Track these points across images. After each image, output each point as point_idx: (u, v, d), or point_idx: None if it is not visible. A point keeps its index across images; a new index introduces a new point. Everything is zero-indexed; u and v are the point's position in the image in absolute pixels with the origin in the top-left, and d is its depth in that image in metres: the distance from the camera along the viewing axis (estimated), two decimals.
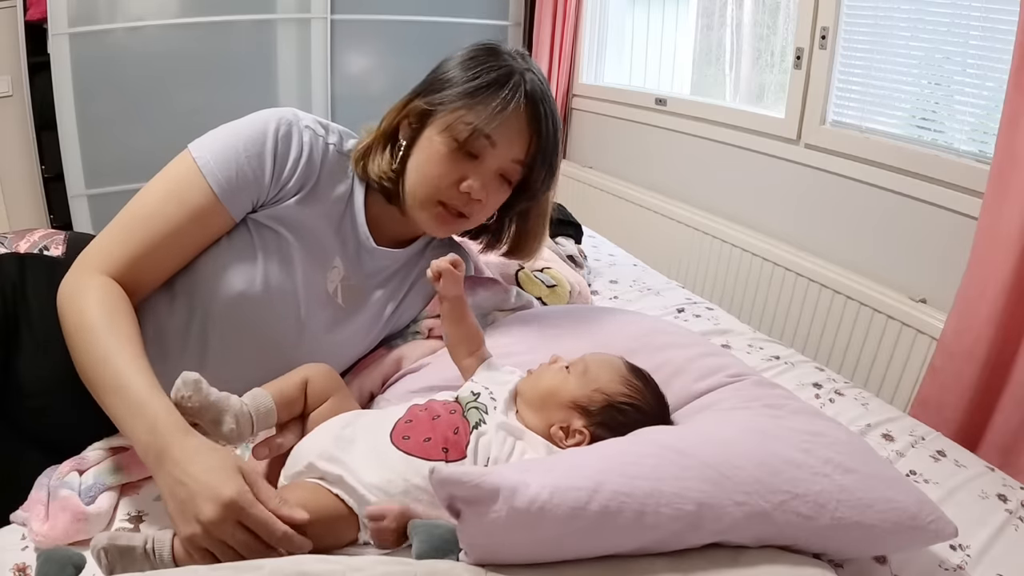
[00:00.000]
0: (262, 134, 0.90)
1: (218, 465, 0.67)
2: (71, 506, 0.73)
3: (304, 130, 0.94)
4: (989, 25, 1.63)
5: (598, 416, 0.82)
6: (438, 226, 0.97)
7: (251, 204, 0.91)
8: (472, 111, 0.91)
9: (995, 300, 1.44)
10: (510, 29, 3.20)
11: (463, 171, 0.93)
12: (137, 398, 0.71)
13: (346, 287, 0.99)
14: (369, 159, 0.98)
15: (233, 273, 0.90)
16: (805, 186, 2.11)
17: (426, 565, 0.64)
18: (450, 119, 0.92)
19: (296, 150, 0.92)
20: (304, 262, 0.94)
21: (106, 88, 2.46)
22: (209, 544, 0.65)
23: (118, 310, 0.80)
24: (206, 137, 0.91)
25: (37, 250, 0.93)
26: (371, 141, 0.98)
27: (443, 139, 0.92)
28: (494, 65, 0.93)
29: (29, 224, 2.50)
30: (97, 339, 0.76)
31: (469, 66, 0.94)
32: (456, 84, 0.93)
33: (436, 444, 0.76)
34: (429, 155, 0.93)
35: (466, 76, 0.93)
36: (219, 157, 0.88)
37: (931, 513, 0.74)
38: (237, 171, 0.88)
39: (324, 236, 0.96)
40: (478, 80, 0.92)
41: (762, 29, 2.42)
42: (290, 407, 0.82)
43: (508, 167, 0.95)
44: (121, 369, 0.74)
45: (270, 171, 0.90)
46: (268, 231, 0.92)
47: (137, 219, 0.86)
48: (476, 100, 0.91)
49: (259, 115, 0.93)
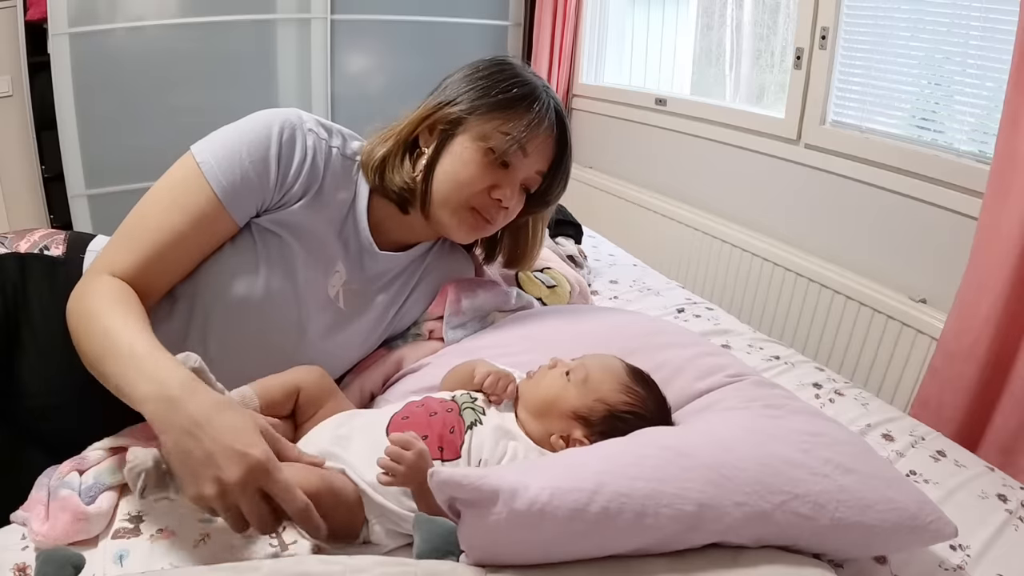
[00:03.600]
0: (266, 138, 0.90)
1: (241, 425, 0.65)
2: (71, 506, 0.73)
3: (308, 133, 0.93)
4: (989, 25, 1.63)
5: (599, 426, 0.82)
6: (467, 231, 0.99)
7: (255, 209, 0.91)
8: (509, 122, 0.94)
9: (995, 300, 1.44)
10: (510, 29, 3.20)
11: (496, 179, 0.95)
12: (141, 353, 0.70)
13: (348, 291, 0.99)
14: (388, 168, 0.97)
15: (234, 279, 0.89)
16: (805, 186, 2.11)
17: (426, 566, 0.64)
18: (487, 128, 0.94)
19: (300, 154, 0.92)
20: (306, 268, 0.94)
21: (106, 88, 2.46)
22: (220, 506, 0.63)
23: (124, 299, 0.79)
24: (208, 140, 0.90)
25: (37, 250, 0.93)
26: (388, 151, 0.98)
27: (478, 147, 0.94)
28: (521, 81, 0.97)
29: (29, 224, 2.50)
30: (100, 317, 0.75)
31: (499, 78, 0.97)
32: (489, 95, 0.95)
33: (432, 442, 0.76)
34: (464, 161, 0.95)
35: (499, 88, 0.96)
36: (223, 162, 0.87)
37: (931, 513, 0.74)
38: (242, 176, 0.87)
39: (327, 241, 0.96)
40: (513, 92, 0.96)
41: (762, 29, 2.42)
42: (273, 408, 0.82)
43: (532, 177, 0.99)
44: (123, 336, 0.72)
45: (275, 176, 0.90)
46: (271, 236, 0.92)
47: (142, 228, 0.85)
48: (513, 112, 0.95)
49: (262, 117, 0.92)
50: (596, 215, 2.70)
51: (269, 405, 0.81)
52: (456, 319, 1.08)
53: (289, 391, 0.83)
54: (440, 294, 1.09)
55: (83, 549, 0.70)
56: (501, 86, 0.96)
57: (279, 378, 0.84)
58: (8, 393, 0.84)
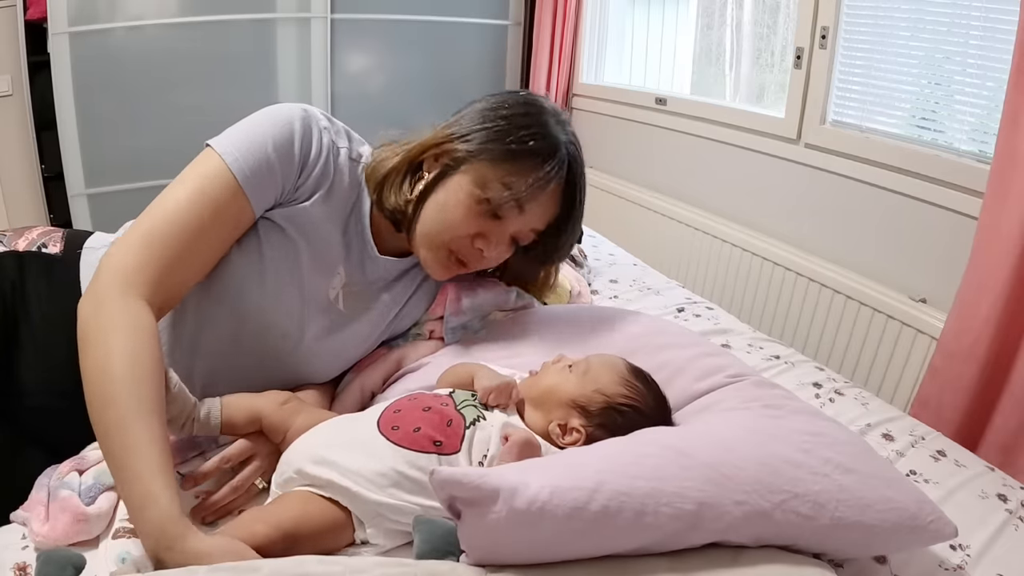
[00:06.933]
0: (289, 131, 0.88)
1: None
2: (71, 507, 0.73)
3: (324, 131, 0.92)
4: (989, 25, 1.63)
5: (597, 417, 0.82)
6: (439, 270, 0.97)
7: (273, 200, 0.89)
8: (513, 175, 0.90)
9: (995, 300, 1.44)
10: (510, 29, 3.20)
11: (483, 228, 0.93)
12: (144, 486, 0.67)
13: (348, 293, 0.98)
14: (387, 186, 0.95)
15: (235, 280, 0.89)
16: (805, 186, 2.11)
17: (426, 566, 0.64)
18: (488, 175, 0.91)
19: (316, 149, 0.91)
20: (309, 269, 0.93)
21: (106, 87, 2.46)
22: None
23: (143, 362, 0.73)
24: (227, 135, 0.88)
25: (35, 248, 0.93)
26: (392, 168, 0.95)
27: (473, 193, 0.91)
28: (543, 133, 0.92)
29: (29, 224, 2.50)
30: (116, 398, 0.71)
31: (520, 124, 0.92)
32: (502, 141, 0.91)
33: (426, 435, 0.76)
34: (456, 202, 0.92)
35: (516, 135, 0.91)
36: (246, 154, 0.85)
37: (931, 513, 0.74)
38: (267, 166, 0.86)
39: (331, 242, 0.95)
40: (528, 145, 0.91)
41: (762, 29, 2.42)
42: (233, 428, 0.82)
43: (524, 233, 0.96)
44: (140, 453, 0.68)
45: (297, 167, 0.89)
46: (277, 234, 0.90)
47: (164, 224, 0.82)
48: (521, 165, 0.90)
49: (281, 111, 0.90)
50: (596, 215, 2.70)
51: (229, 425, 0.82)
52: (456, 319, 1.07)
53: (251, 417, 0.83)
54: (440, 293, 1.09)
55: (84, 549, 0.70)
56: (519, 134, 0.91)
57: (244, 402, 0.84)
58: (7, 392, 0.84)
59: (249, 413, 0.83)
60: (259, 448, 0.83)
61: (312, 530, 0.70)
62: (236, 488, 0.80)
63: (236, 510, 0.80)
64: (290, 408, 0.85)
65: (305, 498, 0.73)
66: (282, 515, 0.70)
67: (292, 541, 0.68)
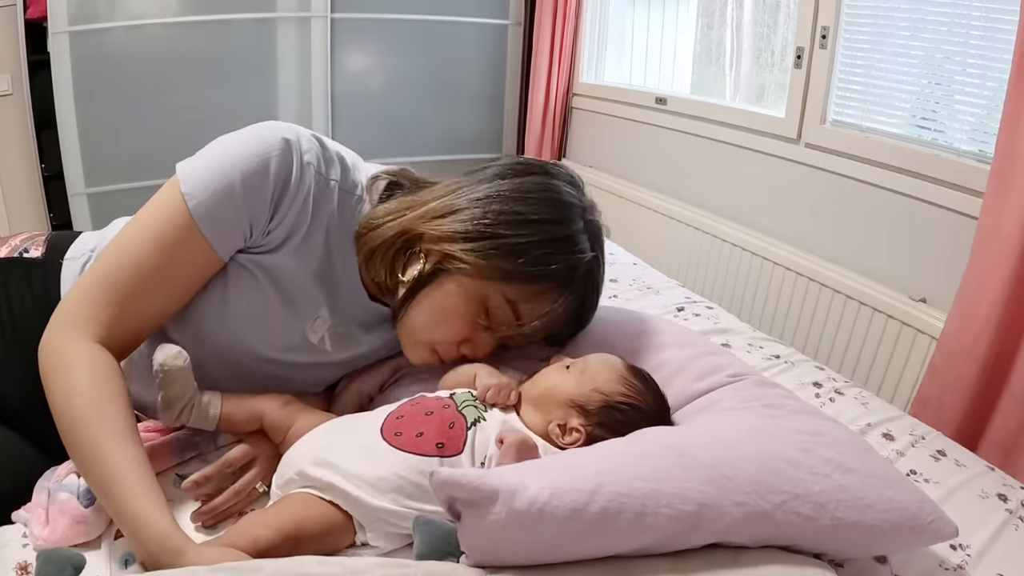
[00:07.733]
0: (263, 168, 0.79)
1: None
2: (70, 509, 0.73)
3: (305, 168, 0.82)
4: (989, 25, 1.63)
5: (596, 416, 0.82)
6: (418, 360, 0.91)
7: (242, 241, 0.82)
8: (524, 301, 0.83)
9: (995, 300, 1.44)
10: (510, 28, 3.20)
11: (472, 335, 0.88)
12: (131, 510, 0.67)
13: (335, 335, 0.92)
14: (377, 258, 0.87)
15: (196, 315, 0.84)
16: (805, 186, 2.11)
17: (426, 567, 0.64)
18: (493, 295, 0.83)
19: (294, 190, 0.81)
20: (279, 319, 0.87)
21: (106, 87, 2.47)
22: None
23: (106, 385, 0.73)
24: (195, 163, 0.81)
25: (17, 253, 0.92)
26: (383, 243, 0.86)
27: (471, 305, 0.84)
28: (575, 251, 0.84)
29: (28, 223, 2.50)
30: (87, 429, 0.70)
31: (539, 238, 0.82)
32: (520, 255, 0.81)
33: (429, 439, 0.76)
34: (452, 309, 0.84)
35: (540, 252, 0.81)
36: (211, 193, 0.78)
37: (931, 513, 0.74)
38: (232, 208, 0.79)
39: (307, 288, 0.87)
40: (551, 269, 0.82)
41: (762, 28, 2.42)
42: (232, 425, 0.83)
43: (514, 339, 0.89)
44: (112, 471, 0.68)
45: (269, 212, 0.81)
46: (246, 277, 0.84)
47: (121, 269, 0.77)
48: (533, 290, 0.83)
49: (258, 142, 0.80)
50: None
51: (228, 421, 0.82)
52: None
53: (251, 416, 0.83)
54: None
55: (85, 550, 0.70)
56: (542, 251, 0.81)
57: (245, 399, 0.84)
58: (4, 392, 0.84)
59: (250, 411, 0.83)
60: (260, 452, 0.83)
61: (313, 532, 0.70)
62: (238, 492, 0.79)
63: (237, 513, 0.80)
64: (292, 409, 0.85)
65: (306, 501, 0.73)
66: (283, 518, 0.70)
67: (294, 543, 0.68)
